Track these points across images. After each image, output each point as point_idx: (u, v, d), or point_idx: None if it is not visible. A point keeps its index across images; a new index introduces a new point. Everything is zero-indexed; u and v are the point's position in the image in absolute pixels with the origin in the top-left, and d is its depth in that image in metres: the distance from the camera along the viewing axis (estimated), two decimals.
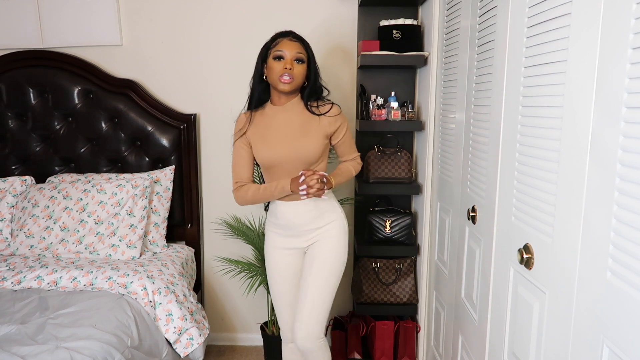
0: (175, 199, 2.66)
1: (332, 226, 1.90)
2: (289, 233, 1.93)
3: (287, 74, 1.74)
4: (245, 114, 1.90)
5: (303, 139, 1.81)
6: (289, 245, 1.94)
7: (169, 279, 2.22)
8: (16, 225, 2.45)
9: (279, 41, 1.78)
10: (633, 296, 0.87)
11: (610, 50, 0.93)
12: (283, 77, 1.74)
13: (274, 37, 1.82)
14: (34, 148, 2.70)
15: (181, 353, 2.14)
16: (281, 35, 1.81)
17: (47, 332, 1.73)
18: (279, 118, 1.84)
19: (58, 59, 2.64)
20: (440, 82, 2.19)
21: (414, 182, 2.50)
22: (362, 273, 2.53)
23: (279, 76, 1.74)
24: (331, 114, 1.84)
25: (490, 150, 1.55)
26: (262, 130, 1.84)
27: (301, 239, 1.92)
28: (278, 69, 1.74)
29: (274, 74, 1.75)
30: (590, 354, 1.00)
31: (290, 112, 1.84)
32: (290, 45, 1.76)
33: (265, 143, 1.83)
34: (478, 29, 1.68)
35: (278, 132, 1.82)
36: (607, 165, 0.94)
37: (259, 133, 1.84)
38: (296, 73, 1.75)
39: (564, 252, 1.10)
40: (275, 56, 1.75)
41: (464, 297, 1.86)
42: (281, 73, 1.74)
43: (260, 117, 1.87)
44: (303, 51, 1.78)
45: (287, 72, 1.74)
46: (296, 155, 1.80)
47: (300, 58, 1.76)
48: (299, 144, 1.80)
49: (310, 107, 1.83)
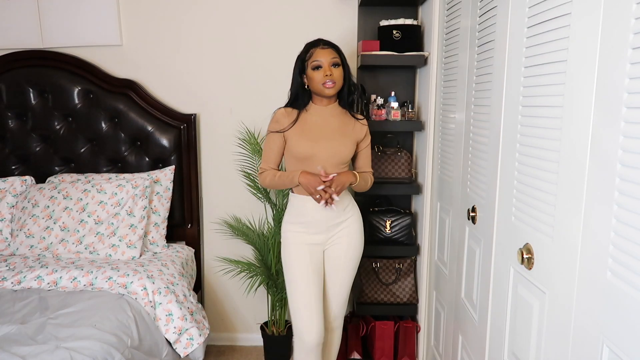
0: (175, 199, 2.66)
1: (353, 220, 2.04)
2: (312, 230, 1.98)
3: (329, 80, 1.88)
4: (286, 110, 1.98)
5: (340, 139, 1.95)
6: (311, 241, 1.99)
7: (169, 279, 2.22)
8: (16, 225, 2.45)
9: (313, 51, 1.90)
10: (633, 296, 0.87)
11: (610, 50, 0.93)
12: (326, 83, 1.88)
13: (306, 49, 1.93)
14: (34, 148, 2.70)
15: (181, 353, 2.14)
16: (312, 45, 1.93)
17: (47, 332, 1.73)
18: (321, 117, 1.97)
19: (58, 59, 2.64)
20: (440, 82, 2.19)
21: (414, 182, 2.50)
22: (362, 273, 2.53)
23: (321, 84, 1.89)
24: (364, 122, 2.04)
25: (490, 150, 1.55)
26: (303, 125, 1.96)
27: (324, 235, 1.99)
28: (319, 77, 1.88)
29: (316, 82, 1.89)
30: (590, 354, 1.00)
31: (330, 114, 1.98)
32: (324, 53, 1.89)
33: (304, 137, 1.93)
34: (478, 29, 1.68)
35: (318, 129, 1.95)
36: (607, 165, 0.94)
37: (300, 128, 1.95)
38: (336, 76, 1.89)
39: (564, 252, 1.10)
40: (313, 67, 1.88)
41: (464, 297, 1.86)
42: (323, 81, 1.88)
43: (304, 115, 1.98)
44: (336, 55, 1.91)
45: (328, 79, 1.88)
46: (332, 152, 1.93)
47: (336, 62, 1.90)
48: (336, 143, 1.94)
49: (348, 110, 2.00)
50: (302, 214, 1.98)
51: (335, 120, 1.98)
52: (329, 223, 1.98)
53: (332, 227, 1.99)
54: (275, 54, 2.65)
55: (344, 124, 1.99)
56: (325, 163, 1.92)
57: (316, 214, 1.95)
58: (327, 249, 2.03)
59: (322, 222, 1.97)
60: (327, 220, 1.97)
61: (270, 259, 2.59)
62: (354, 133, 2.00)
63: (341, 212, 1.98)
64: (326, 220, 1.97)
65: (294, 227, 2.00)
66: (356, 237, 2.05)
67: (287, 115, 1.96)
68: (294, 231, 2.00)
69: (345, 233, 2.01)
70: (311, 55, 1.89)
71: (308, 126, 1.95)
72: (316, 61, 1.87)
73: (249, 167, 2.59)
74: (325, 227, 1.98)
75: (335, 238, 2.01)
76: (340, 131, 1.97)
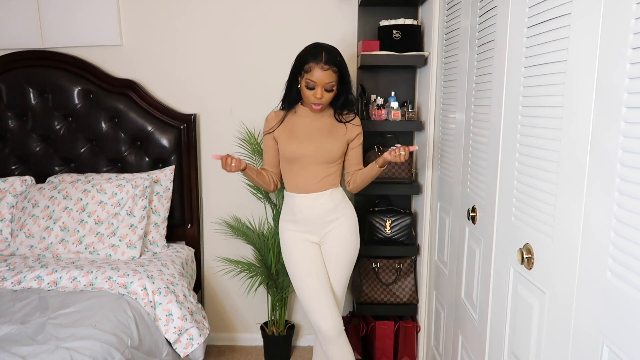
0: (175, 199, 2.66)
1: (346, 218, 2.04)
2: (305, 228, 2.00)
3: (318, 102, 1.89)
4: (276, 113, 2.04)
5: (329, 140, 1.97)
6: (306, 238, 2.02)
7: (169, 279, 2.22)
8: (16, 225, 2.45)
9: (312, 67, 1.84)
10: (633, 296, 0.87)
11: (610, 50, 0.93)
12: (314, 105, 1.91)
13: (307, 59, 1.85)
14: (34, 148, 2.70)
15: (181, 353, 2.14)
16: (314, 57, 1.84)
17: (47, 332, 1.73)
18: (309, 117, 1.99)
19: (58, 59, 2.64)
20: (440, 82, 2.19)
21: (414, 182, 2.50)
22: (362, 273, 2.53)
23: (310, 102, 1.91)
24: (355, 122, 2.03)
25: (490, 150, 1.55)
26: (292, 127, 1.99)
27: (317, 234, 2.01)
28: (309, 95, 1.89)
29: (306, 97, 1.91)
30: (590, 354, 1.00)
31: (320, 114, 1.99)
32: (322, 76, 1.84)
33: (292, 139, 1.97)
34: (478, 29, 1.68)
35: (306, 131, 1.98)
36: (607, 165, 0.94)
37: (288, 130, 1.99)
38: (325, 100, 1.91)
39: (564, 252, 1.10)
40: (307, 85, 1.88)
41: (464, 297, 1.86)
42: (312, 101, 1.90)
43: (292, 116, 2.01)
44: (334, 79, 1.87)
45: (317, 101, 1.89)
46: (319, 153, 1.95)
47: (329, 88, 1.88)
48: (324, 144, 1.96)
49: (337, 117, 2.01)
50: (292, 212, 2.02)
51: (324, 120, 2.00)
52: (319, 221, 1.99)
53: (323, 225, 2.00)
54: (275, 54, 2.65)
55: (333, 124, 2.00)
56: (312, 163, 1.96)
57: (305, 211, 1.98)
58: (322, 246, 2.05)
59: (311, 219, 1.99)
60: (317, 217, 1.99)
61: (270, 259, 2.59)
62: (345, 134, 2.00)
63: (332, 210, 2.00)
64: (316, 218, 1.99)
65: (288, 225, 2.04)
66: (349, 236, 2.04)
67: (275, 117, 2.02)
68: (290, 229, 2.03)
69: (338, 232, 2.01)
70: (309, 70, 1.84)
71: (296, 127, 1.99)
72: (312, 81, 1.85)
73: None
74: (315, 224, 2.00)
75: (328, 236, 2.02)
76: (330, 133, 1.98)
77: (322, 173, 1.98)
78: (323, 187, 1.99)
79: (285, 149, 1.98)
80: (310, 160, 1.96)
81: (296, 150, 1.95)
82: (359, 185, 2.05)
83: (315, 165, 1.96)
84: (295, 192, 2.00)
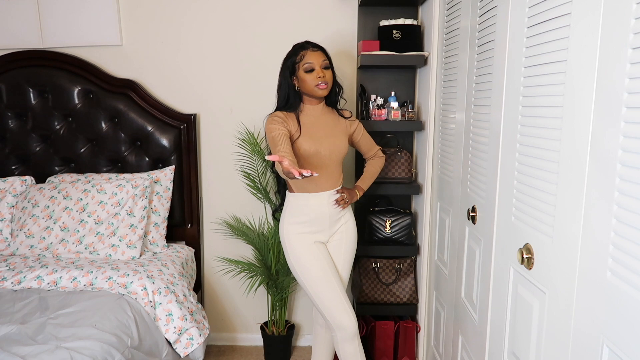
0: (175, 199, 2.66)
1: (350, 214, 2.14)
2: (317, 228, 2.02)
3: (322, 81, 1.93)
4: (285, 113, 1.98)
5: (337, 135, 2.04)
6: (315, 239, 2.02)
7: (169, 279, 2.22)
8: (16, 225, 2.45)
9: (304, 54, 1.94)
10: (633, 296, 0.87)
11: (610, 50, 0.93)
12: (319, 85, 1.93)
13: (296, 51, 1.96)
14: (34, 148, 2.70)
15: (181, 353, 2.14)
16: (302, 47, 1.96)
17: (47, 332, 1.73)
18: (314, 116, 2.03)
19: (58, 59, 2.64)
20: (440, 82, 2.19)
21: (414, 182, 2.50)
22: (362, 273, 2.53)
23: (314, 85, 1.93)
24: (352, 118, 2.13)
25: (490, 150, 1.55)
26: (309, 126, 2.00)
27: (327, 233, 2.05)
28: (312, 79, 1.93)
29: (309, 84, 1.94)
30: (590, 354, 1.00)
31: (321, 112, 2.05)
32: (315, 56, 1.94)
33: (308, 136, 1.97)
34: (478, 29, 1.68)
35: (321, 129, 2.01)
36: (607, 165, 0.94)
37: (306, 128, 1.99)
38: (328, 78, 1.96)
39: (564, 252, 1.10)
40: (306, 69, 1.93)
41: (464, 297, 1.86)
42: (316, 82, 1.93)
43: (304, 116, 2.02)
44: (326, 57, 1.98)
45: (321, 80, 1.93)
46: (334, 149, 2.00)
47: (326, 65, 1.96)
48: (335, 139, 2.02)
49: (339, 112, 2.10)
50: (303, 213, 2.00)
51: (327, 118, 2.05)
52: (333, 218, 2.04)
53: (335, 222, 2.05)
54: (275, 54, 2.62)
55: (334, 122, 2.07)
56: (327, 159, 1.99)
57: (319, 209, 2.00)
58: (328, 244, 2.08)
59: (325, 218, 2.01)
60: (331, 215, 2.03)
61: (270, 259, 2.59)
62: (345, 129, 2.09)
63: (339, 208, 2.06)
64: (329, 216, 2.03)
65: (296, 227, 2.01)
66: (353, 234, 2.14)
67: (287, 117, 1.95)
68: (298, 232, 2.01)
69: (345, 228, 2.09)
70: (302, 58, 1.93)
71: (308, 127, 1.99)
72: (308, 64, 1.92)
73: (249, 167, 2.59)
74: (327, 223, 2.03)
75: (335, 235, 2.07)
76: (336, 129, 2.05)
77: (336, 171, 2.04)
78: (335, 184, 2.04)
79: (303, 147, 1.95)
80: (325, 159, 1.99)
81: (315, 147, 1.96)
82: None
83: (329, 162, 2.00)
84: (308, 192, 2.00)
